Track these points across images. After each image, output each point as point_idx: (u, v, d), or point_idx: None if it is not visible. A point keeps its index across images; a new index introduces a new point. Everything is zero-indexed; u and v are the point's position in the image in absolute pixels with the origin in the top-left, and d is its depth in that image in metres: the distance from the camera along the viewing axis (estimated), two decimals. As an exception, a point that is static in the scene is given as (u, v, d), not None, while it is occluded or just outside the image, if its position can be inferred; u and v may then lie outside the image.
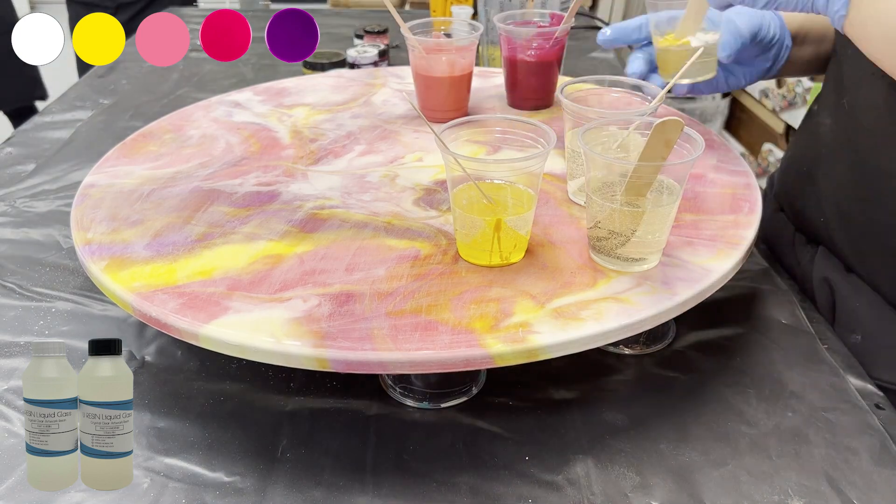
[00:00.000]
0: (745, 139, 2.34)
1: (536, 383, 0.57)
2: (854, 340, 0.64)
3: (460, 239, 0.55)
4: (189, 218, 0.62)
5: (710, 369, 0.59)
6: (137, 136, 0.78)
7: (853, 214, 0.65)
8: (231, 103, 0.86)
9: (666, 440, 0.52)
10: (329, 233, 0.59)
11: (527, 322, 0.48)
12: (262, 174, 0.69)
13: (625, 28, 0.75)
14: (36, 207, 0.82)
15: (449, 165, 0.53)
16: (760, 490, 0.48)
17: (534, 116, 0.80)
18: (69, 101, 1.12)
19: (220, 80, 1.22)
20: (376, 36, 1.25)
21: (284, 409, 0.55)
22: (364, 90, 0.90)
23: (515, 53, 0.79)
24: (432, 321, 0.49)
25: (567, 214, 0.62)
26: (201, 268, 0.55)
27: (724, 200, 0.63)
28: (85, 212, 0.63)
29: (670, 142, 0.49)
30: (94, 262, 0.56)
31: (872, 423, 0.53)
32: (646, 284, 0.52)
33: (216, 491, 0.48)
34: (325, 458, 0.51)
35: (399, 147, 0.75)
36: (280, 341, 0.47)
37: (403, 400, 0.55)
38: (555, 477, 0.49)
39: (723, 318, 0.65)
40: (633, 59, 0.74)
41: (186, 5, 1.98)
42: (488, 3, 1.09)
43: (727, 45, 0.69)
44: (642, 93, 0.65)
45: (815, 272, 0.69)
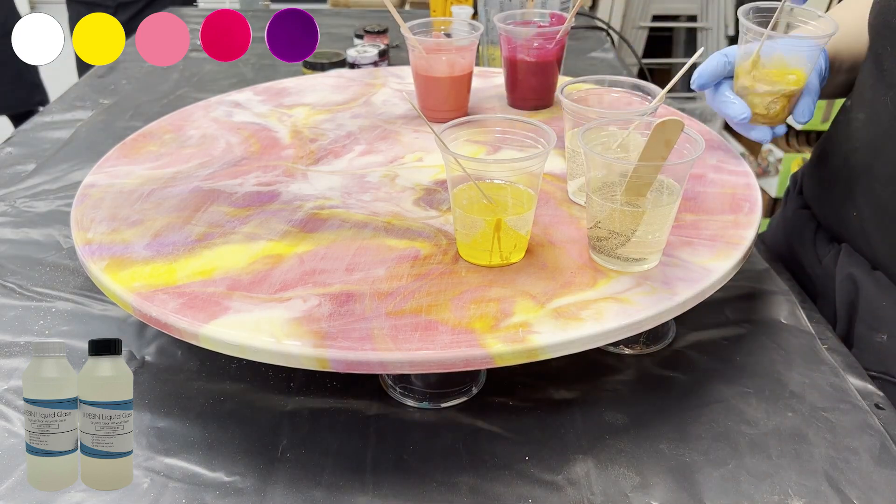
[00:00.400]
0: (745, 139, 2.34)
1: (536, 383, 0.57)
2: (879, 339, 0.64)
3: (460, 239, 0.55)
4: (189, 218, 0.62)
5: (710, 369, 0.59)
6: (137, 136, 0.78)
7: (891, 209, 0.64)
8: (231, 103, 0.86)
9: (666, 440, 0.52)
10: (329, 233, 0.59)
11: (527, 322, 0.48)
12: (262, 174, 0.69)
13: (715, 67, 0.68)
14: (36, 207, 0.82)
15: (449, 165, 0.53)
16: (760, 490, 0.48)
17: (534, 116, 0.80)
18: (69, 101, 1.12)
19: (220, 80, 1.22)
20: (376, 36, 1.25)
21: (284, 409, 0.55)
22: (364, 90, 0.90)
23: (515, 53, 0.79)
24: (432, 321, 0.49)
25: (567, 214, 0.62)
26: (201, 268, 0.55)
27: (724, 200, 0.63)
28: (85, 212, 0.63)
29: (670, 142, 0.49)
30: (94, 262, 0.56)
31: (872, 423, 0.53)
32: (646, 284, 0.52)
33: (216, 491, 0.48)
34: (325, 458, 0.51)
35: (399, 147, 0.75)
36: (280, 341, 0.47)
37: (403, 400, 0.55)
38: (555, 477, 0.49)
39: (723, 318, 0.65)
40: (729, 102, 0.66)
41: (186, 5, 1.98)
42: (488, 3, 1.09)
43: (806, 110, 0.66)
44: (642, 93, 0.65)
45: (839, 270, 0.69)
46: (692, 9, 2.68)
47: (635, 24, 2.63)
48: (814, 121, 1.97)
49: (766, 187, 2.08)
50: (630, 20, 2.63)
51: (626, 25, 2.64)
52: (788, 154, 2.03)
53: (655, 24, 2.67)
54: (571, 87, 0.64)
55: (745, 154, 2.29)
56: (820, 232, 0.75)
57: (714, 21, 2.63)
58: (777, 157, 2.06)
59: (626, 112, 0.63)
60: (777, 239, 0.82)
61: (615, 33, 1.47)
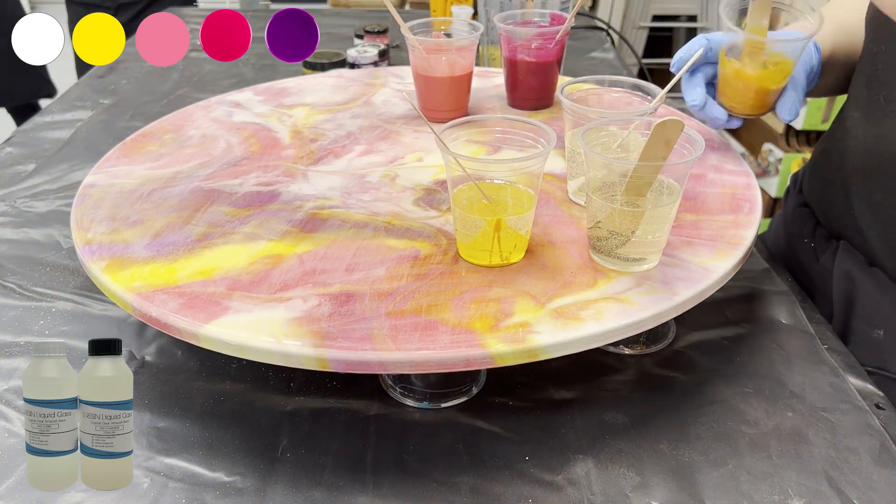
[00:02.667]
0: (745, 139, 2.34)
1: (536, 383, 0.57)
2: (876, 335, 0.64)
3: (460, 239, 0.55)
4: (189, 218, 0.62)
5: (710, 369, 0.59)
6: (137, 136, 0.78)
7: (885, 206, 0.64)
8: (231, 103, 0.86)
9: (666, 440, 0.52)
10: (329, 233, 0.59)
11: (527, 322, 0.48)
12: (262, 174, 0.69)
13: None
14: (36, 207, 0.82)
15: (449, 165, 0.53)
16: (760, 490, 0.48)
17: (534, 116, 0.80)
18: (69, 101, 1.12)
19: (220, 80, 1.22)
20: (376, 36, 1.25)
21: (284, 409, 0.55)
22: (364, 90, 0.90)
23: (515, 53, 0.79)
24: (432, 321, 0.49)
25: (567, 214, 0.62)
26: (201, 268, 0.55)
27: (724, 200, 0.63)
28: (85, 212, 0.63)
29: (670, 142, 0.49)
30: (94, 262, 0.56)
31: (872, 423, 0.53)
32: (646, 284, 0.52)
33: (216, 491, 0.48)
34: (325, 458, 0.51)
35: (399, 147, 0.75)
36: (280, 341, 0.47)
37: (403, 400, 0.55)
38: (555, 477, 0.49)
39: (723, 318, 0.65)
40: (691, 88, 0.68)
41: (186, 5, 1.98)
42: (488, 3, 1.09)
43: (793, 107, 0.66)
44: (642, 93, 0.65)
45: (837, 266, 0.69)
46: (692, 9, 2.68)
47: (635, 24, 2.64)
48: (814, 121, 1.96)
49: (766, 187, 2.08)
50: (630, 20, 2.63)
51: (626, 25, 2.64)
52: (788, 154, 2.03)
53: (655, 24, 2.68)
54: (571, 87, 0.64)
55: (745, 154, 2.29)
56: (819, 229, 0.75)
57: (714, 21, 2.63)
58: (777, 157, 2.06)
59: (626, 112, 0.63)
60: (777, 238, 0.82)
61: (615, 33, 1.47)
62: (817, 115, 1.95)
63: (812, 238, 0.75)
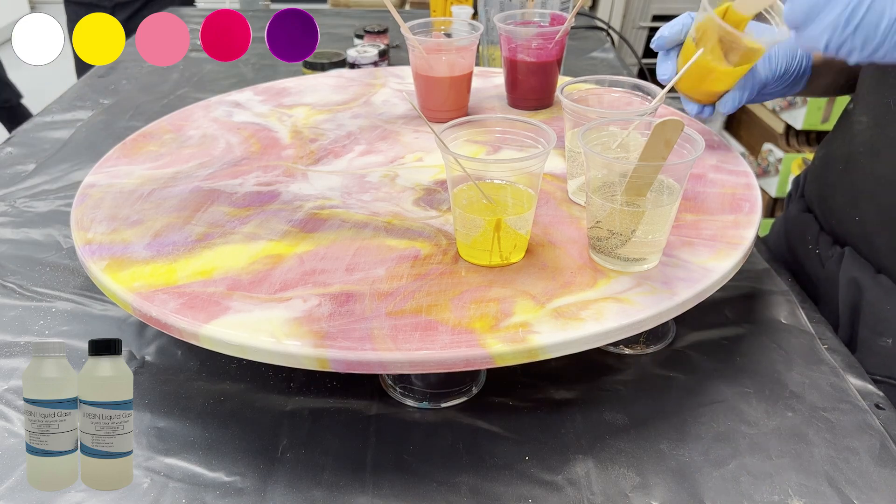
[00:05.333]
0: (745, 139, 2.34)
1: (536, 383, 0.57)
2: (883, 343, 0.63)
3: (460, 239, 0.55)
4: (189, 218, 0.62)
5: (710, 369, 0.59)
6: (137, 136, 0.78)
7: (893, 212, 0.64)
8: (231, 103, 0.86)
9: (666, 440, 0.52)
10: (329, 233, 0.59)
11: (527, 322, 0.48)
12: (262, 174, 0.69)
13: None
14: (36, 207, 0.82)
15: (449, 165, 0.53)
16: (760, 490, 0.48)
17: (534, 116, 0.80)
18: (69, 101, 1.12)
19: (220, 80, 1.22)
20: (376, 36, 1.25)
21: (284, 409, 0.55)
22: (364, 90, 0.90)
23: (515, 53, 0.79)
24: (432, 321, 0.49)
25: (567, 214, 0.62)
26: (201, 268, 0.55)
27: (724, 200, 0.63)
28: (85, 212, 0.63)
29: (670, 142, 0.49)
30: (95, 262, 0.56)
31: (872, 423, 0.53)
32: (646, 284, 0.52)
33: (216, 491, 0.48)
34: (325, 458, 0.51)
35: (399, 147, 0.75)
36: (280, 341, 0.47)
37: (403, 400, 0.55)
38: (555, 477, 0.49)
39: (723, 318, 0.65)
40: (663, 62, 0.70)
41: (185, 5, 1.98)
42: (488, 3, 1.08)
43: (733, 104, 0.67)
44: (642, 93, 0.65)
45: (843, 273, 0.69)
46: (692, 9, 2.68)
47: (635, 24, 2.63)
48: (814, 121, 1.96)
49: (766, 187, 2.08)
50: (630, 20, 2.63)
51: (626, 25, 2.64)
52: (788, 154, 2.03)
53: (655, 24, 2.67)
54: (571, 87, 0.64)
55: (745, 154, 2.29)
56: (822, 235, 0.74)
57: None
58: (777, 157, 2.06)
59: (626, 112, 0.63)
60: (779, 242, 0.82)
61: (615, 33, 1.47)
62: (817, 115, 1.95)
63: (816, 244, 0.74)
